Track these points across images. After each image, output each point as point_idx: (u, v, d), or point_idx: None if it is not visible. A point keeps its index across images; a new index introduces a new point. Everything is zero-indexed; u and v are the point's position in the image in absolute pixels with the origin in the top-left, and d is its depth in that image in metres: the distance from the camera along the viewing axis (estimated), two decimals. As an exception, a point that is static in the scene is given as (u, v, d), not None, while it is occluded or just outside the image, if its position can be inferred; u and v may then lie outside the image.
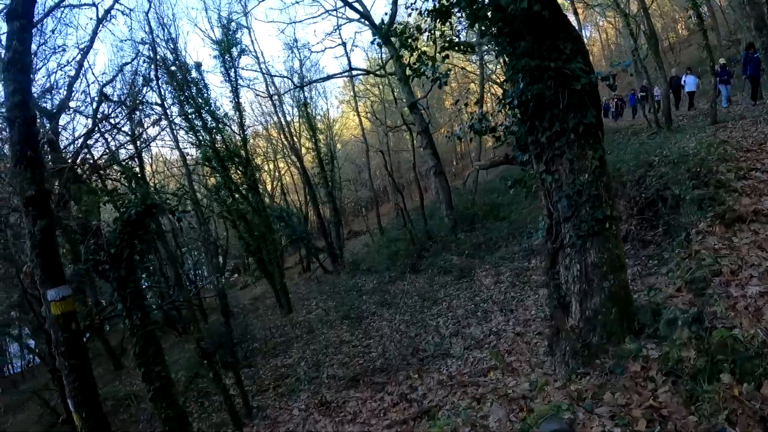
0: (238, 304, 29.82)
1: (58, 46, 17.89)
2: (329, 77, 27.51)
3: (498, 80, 28.01)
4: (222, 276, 31.68)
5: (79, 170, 10.84)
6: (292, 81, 26.49)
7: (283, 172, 46.83)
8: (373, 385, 9.50)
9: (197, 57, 59.61)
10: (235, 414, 9.33)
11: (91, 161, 12.47)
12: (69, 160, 10.63)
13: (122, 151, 18.91)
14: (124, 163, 16.26)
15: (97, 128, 14.65)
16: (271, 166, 46.09)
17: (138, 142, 20.18)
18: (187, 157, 22.87)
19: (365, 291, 18.17)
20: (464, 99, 19.77)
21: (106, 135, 16.44)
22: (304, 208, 40.19)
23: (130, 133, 19.67)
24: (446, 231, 19.18)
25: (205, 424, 10.78)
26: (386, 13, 21.96)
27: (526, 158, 5.82)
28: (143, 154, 22.19)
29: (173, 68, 20.57)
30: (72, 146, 14.95)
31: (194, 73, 21.38)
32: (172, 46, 20.70)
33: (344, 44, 36.21)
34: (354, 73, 30.59)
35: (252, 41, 35.15)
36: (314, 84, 30.89)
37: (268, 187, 43.80)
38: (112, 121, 16.07)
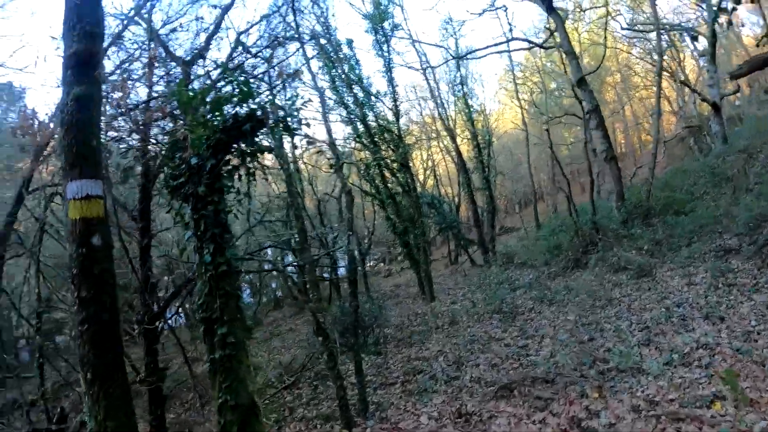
0: (379, 290, 28.65)
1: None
2: (488, 47, 24.79)
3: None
4: (366, 255, 30.43)
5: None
6: (447, 50, 24.03)
7: (436, 162, 45.31)
8: (533, 399, 6.85)
9: (346, 33, 59.27)
10: (347, 408, 7.25)
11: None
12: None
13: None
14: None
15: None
16: (424, 155, 45.07)
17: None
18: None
19: (520, 285, 15.53)
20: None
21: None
22: (457, 199, 38.10)
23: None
24: (616, 224, 16.32)
25: (311, 413, 8.88)
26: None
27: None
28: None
29: (323, 41, 19.70)
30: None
31: (345, 49, 20.32)
32: (323, 20, 19.74)
33: (505, 8, 32.94)
34: (514, 46, 27.59)
35: (404, 19, 33.53)
36: (470, 61, 28.76)
37: (420, 177, 42.88)
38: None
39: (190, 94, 5.14)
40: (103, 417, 3.52)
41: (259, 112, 5.08)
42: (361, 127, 20.48)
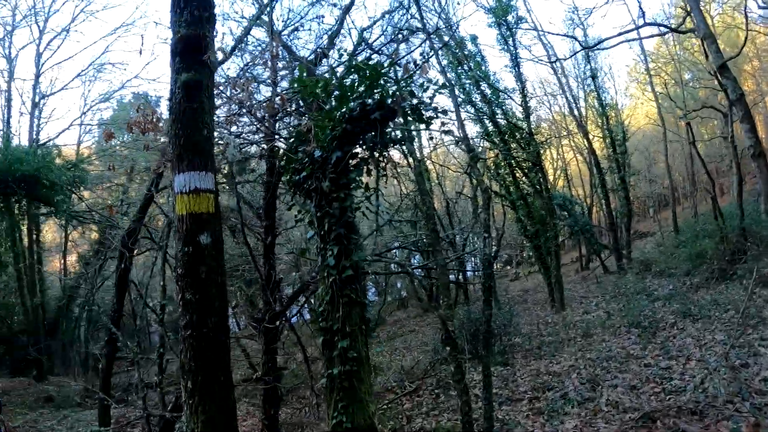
0: (506, 294, 27.75)
1: None
2: (618, 34, 22.66)
3: None
4: (495, 257, 29.54)
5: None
6: (575, 41, 22.24)
7: (567, 161, 43.28)
8: (679, 432, 5.92)
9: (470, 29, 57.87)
10: (470, 424, 6.71)
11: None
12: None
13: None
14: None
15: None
16: (554, 154, 43.33)
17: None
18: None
19: (659, 297, 14.09)
20: None
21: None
22: (589, 200, 36.04)
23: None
24: (767, 231, 14.40)
25: (431, 424, 8.42)
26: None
27: None
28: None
29: (446, 38, 19.23)
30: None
31: (470, 46, 19.85)
32: (444, 16, 19.23)
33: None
34: (645, 33, 25.14)
35: (528, 11, 31.49)
36: (599, 53, 26.92)
37: (550, 177, 41.39)
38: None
39: (315, 82, 4.91)
40: (200, 432, 3.28)
41: (389, 101, 4.72)
42: (490, 126, 19.90)
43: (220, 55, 5.40)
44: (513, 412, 8.19)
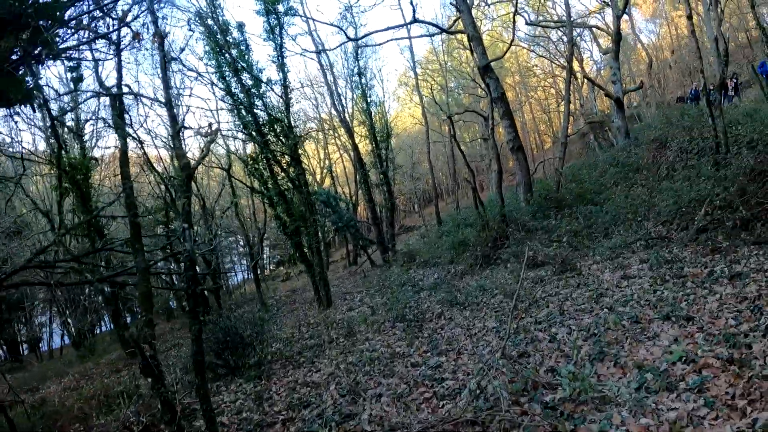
0: (274, 295, 26.44)
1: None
2: (388, 28, 22.76)
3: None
4: (256, 261, 28.03)
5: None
6: (345, 33, 21.50)
7: (334, 161, 43.90)
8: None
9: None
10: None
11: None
12: None
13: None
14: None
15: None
16: (321, 153, 43.74)
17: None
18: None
19: (424, 287, 13.89)
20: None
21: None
22: (354, 197, 36.73)
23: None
24: (527, 216, 15.59)
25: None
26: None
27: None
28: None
29: (209, 21, 17.67)
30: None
31: (235, 33, 18.32)
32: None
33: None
34: (416, 31, 26.15)
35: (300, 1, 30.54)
36: (369, 55, 27.46)
37: (318, 177, 41.43)
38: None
39: None
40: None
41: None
42: (248, 117, 18.29)
43: None
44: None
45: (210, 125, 17.90)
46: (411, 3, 17.42)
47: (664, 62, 41.66)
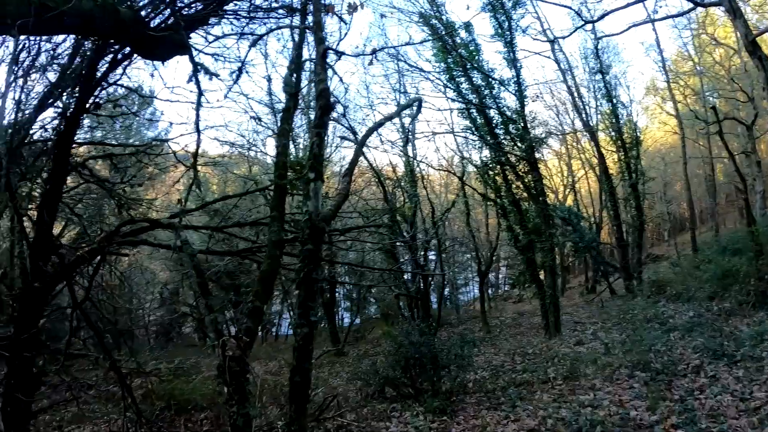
0: (499, 316, 24.46)
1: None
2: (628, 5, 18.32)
3: None
4: (486, 273, 26.25)
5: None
6: (579, 15, 18.16)
7: (577, 178, 39.98)
8: None
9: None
10: None
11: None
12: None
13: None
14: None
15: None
16: (565, 171, 40.22)
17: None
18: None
19: (677, 326, 11.02)
20: None
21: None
22: (597, 215, 34.36)
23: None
24: None
25: None
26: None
27: None
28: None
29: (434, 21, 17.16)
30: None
31: (463, 33, 17.25)
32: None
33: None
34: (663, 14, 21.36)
35: None
36: (612, 59, 24.45)
37: (560, 195, 39.31)
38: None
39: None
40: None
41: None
42: (479, 119, 17.14)
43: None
44: None
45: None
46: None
47: None
